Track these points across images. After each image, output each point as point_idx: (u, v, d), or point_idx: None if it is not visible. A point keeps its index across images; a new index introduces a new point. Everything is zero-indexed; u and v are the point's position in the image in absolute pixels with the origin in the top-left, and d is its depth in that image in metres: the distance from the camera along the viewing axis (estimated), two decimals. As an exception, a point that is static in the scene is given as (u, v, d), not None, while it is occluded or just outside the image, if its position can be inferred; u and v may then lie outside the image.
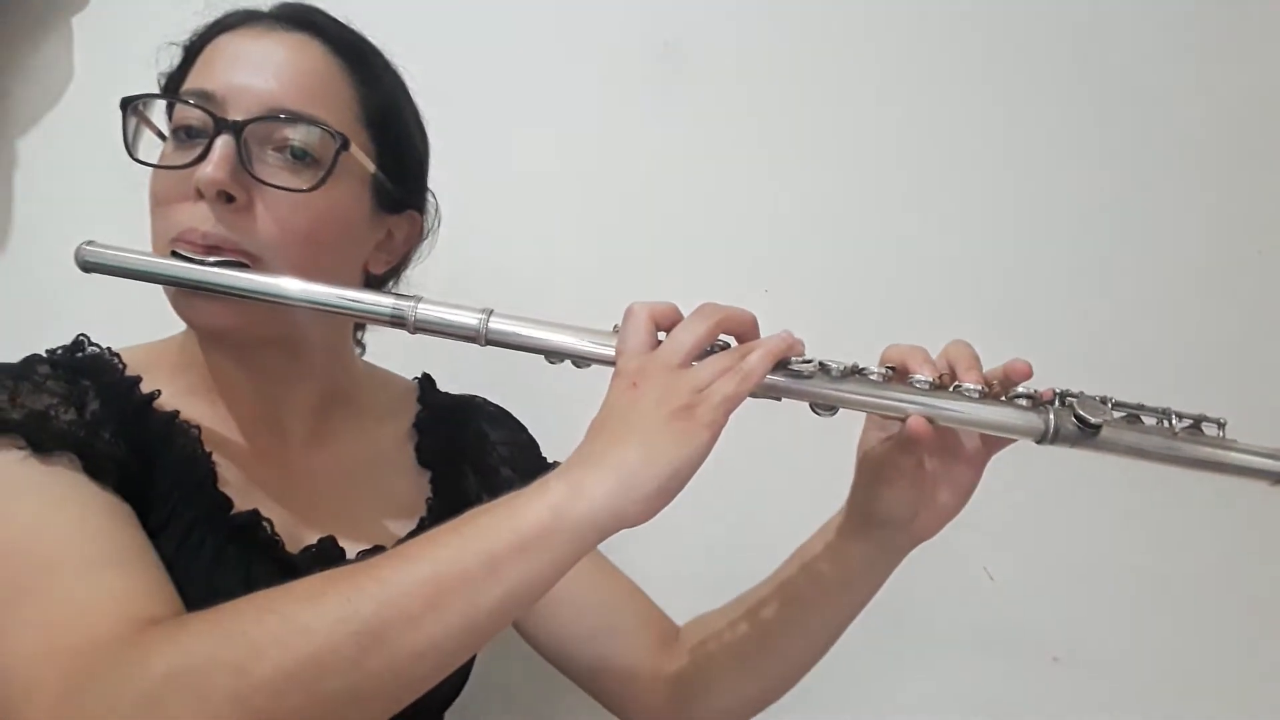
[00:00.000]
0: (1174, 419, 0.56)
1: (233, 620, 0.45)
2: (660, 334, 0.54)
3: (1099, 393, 0.56)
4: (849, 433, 0.63)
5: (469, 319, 0.56)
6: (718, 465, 0.51)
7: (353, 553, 0.63)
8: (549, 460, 0.79)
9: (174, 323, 0.63)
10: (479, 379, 0.81)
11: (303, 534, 0.63)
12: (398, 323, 0.57)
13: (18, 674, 0.46)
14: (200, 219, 0.57)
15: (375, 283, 0.70)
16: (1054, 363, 0.59)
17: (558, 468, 0.49)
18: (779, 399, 0.55)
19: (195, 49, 0.63)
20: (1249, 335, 1.01)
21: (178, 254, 0.57)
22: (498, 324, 0.55)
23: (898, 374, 0.56)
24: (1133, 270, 1.01)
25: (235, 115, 0.58)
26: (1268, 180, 1.02)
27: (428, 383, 0.79)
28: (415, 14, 0.95)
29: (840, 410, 0.56)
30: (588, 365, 0.56)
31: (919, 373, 0.55)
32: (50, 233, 0.96)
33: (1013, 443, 0.57)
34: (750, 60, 1.00)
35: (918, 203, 1.01)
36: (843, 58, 1.01)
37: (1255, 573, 1.00)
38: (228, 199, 0.57)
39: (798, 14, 1.00)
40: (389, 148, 0.65)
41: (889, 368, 0.56)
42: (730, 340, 0.55)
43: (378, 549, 0.64)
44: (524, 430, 0.80)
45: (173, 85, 0.64)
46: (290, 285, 0.56)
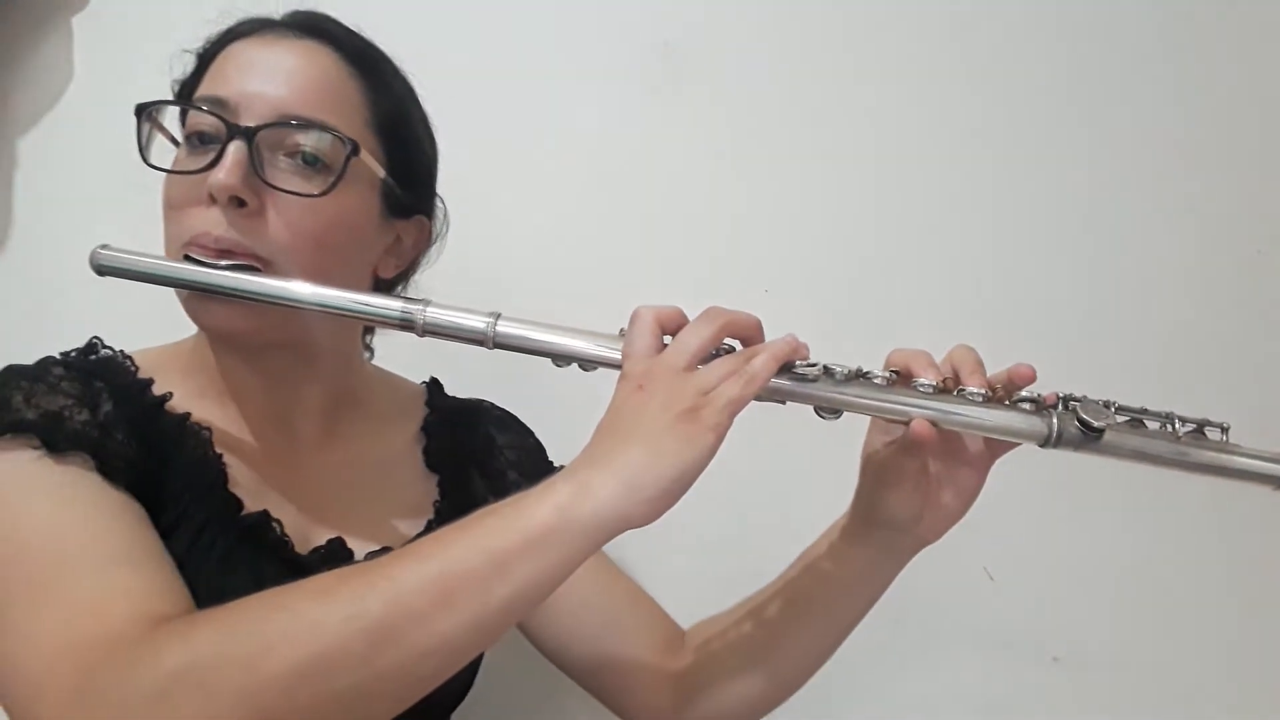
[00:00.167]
0: (1177, 423, 0.56)
1: (243, 617, 0.45)
2: (666, 337, 0.55)
3: (1097, 395, 0.56)
4: (853, 436, 0.63)
5: (477, 322, 0.56)
6: (722, 468, 0.51)
7: (361, 554, 0.64)
8: (555, 464, 0.80)
9: (175, 324, 0.64)
10: (481, 380, 0.81)
11: (312, 535, 0.64)
12: (406, 326, 0.57)
13: (30, 669, 0.46)
14: (213, 223, 0.58)
15: (384, 287, 0.70)
16: (1053, 363, 0.59)
17: (565, 469, 0.50)
18: (783, 402, 0.56)
19: (208, 56, 0.64)
20: (1250, 336, 1.01)
21: (191, 258, 0.58)
22: (505, 327, 0.56)
23: (902, 378, 0.56)
24: (1134, 271, 1.01)
25: (248, 121, 0.59)
26: (1267, 180, 1.02)
27: (435, 387, 0.79)
28: (415, 14, 0.95)
29: (844, 414, 0.56)
30: (594, 368, 0.56)
31: (923, 376, 0.55)
32: (50, 233, 0.97)
33: (1016, 447, 0.57)
34: (750, 60, 1.00)
35: (918, 203, 1.01)
36: (842, 58, 1.01)
37: (1254, 573, 1.00)
38: (240, 204, 0.58)
39: (798, 14, 1.00)
40: (398, 153, 0.66)
41: (893, 371, 0.56)
42: (735, 344, 0.56)
43: (386, 550, 0.64)
44: (531, 434, 0.81)
45: (186, 92, 0.65)
46: (301, 289, 0.57)
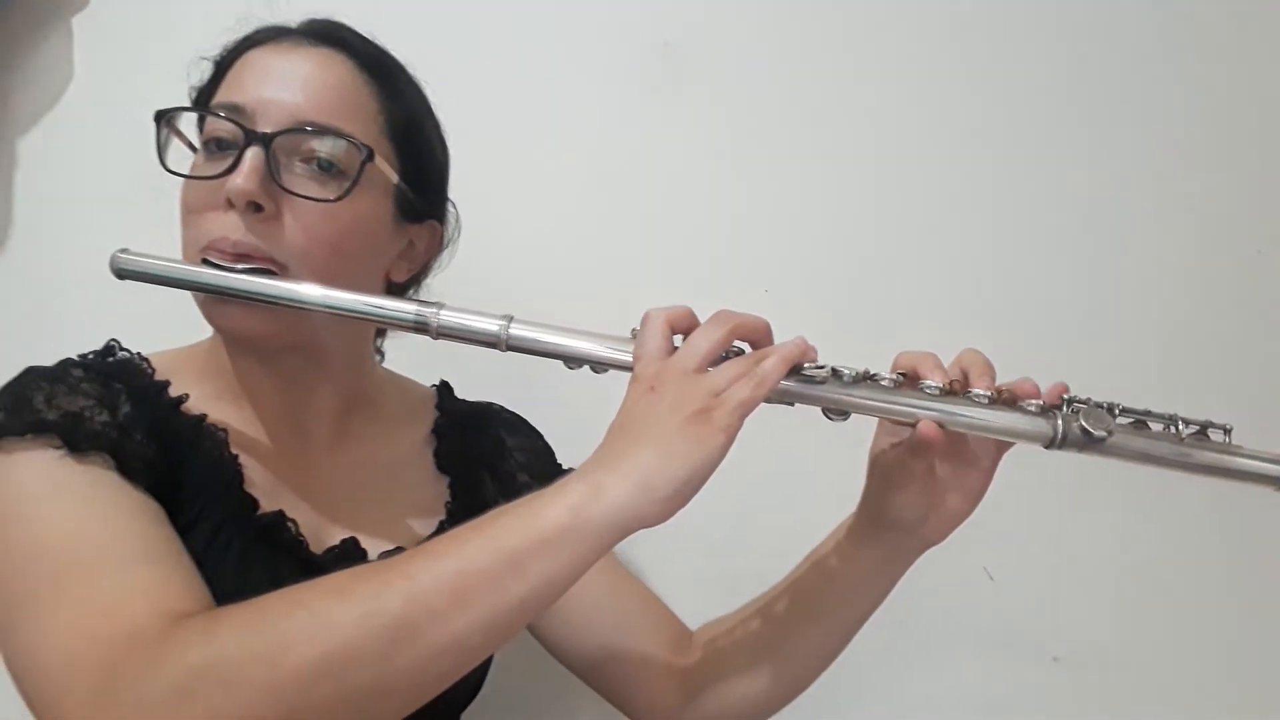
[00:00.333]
0: (1180, 425, 0.57)
1: (263, 614, 0.46)
2: (676, 339, 0.56)
3: (1096, 395, 0.57)
4: (858, 437, 0.64)
5: (490, 325, 0.57)
6: (727, 468, 0.52)
7: (374, 554, 0.65)
8: (564, 466, 0.81)
9: (178, 323, 0.65)
10: (484, 381, 0.82)
11: (326, 535, 0.65)
12: (420, 329, 0.58)
13: (53, 665, 0.47)
14: (230, 228, 0.59)
15: (396, 290, 0.71)
16: (1052, 362, 0.60)
17: (578, 469, 0.50)
18: (792, 404, 0.56)
19: (225, 64, 0.65)
20: (1250, 336, 1.02)
21: (209, 262, 0.59)
22: (518, 330, 0.57)
23: (909, 380, 0.57)
24: (1134, 270, 1.01)
25: (264, 127, 0.60)
26: (1267, 180, 1.03)
27: (445, 389, 0.80)
28: (414, 14, 0.95)
29: (851, 415, 0.57)
30: (605, 370, 0.57)
31: (930, 378, 0.56)
32: (50, 233, 0.97)
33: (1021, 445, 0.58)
34: (750, 60, 1.01)
35: (918, 203, 1.01)
36: (842, 58, 1.02)
37: (1254, 573, 1.00)
38: (257, 208, 0.59)
39: (798, 14, 1.01)
40: (411, 159, 0.67)
41: (900, 374, 0.57)
42: (745, 346, 0.56)
43: (399, 550, 0.65)
44: (540, 437, 0.81)
45: (203, 99, 0.66)
46: (318, 292, 0.58)
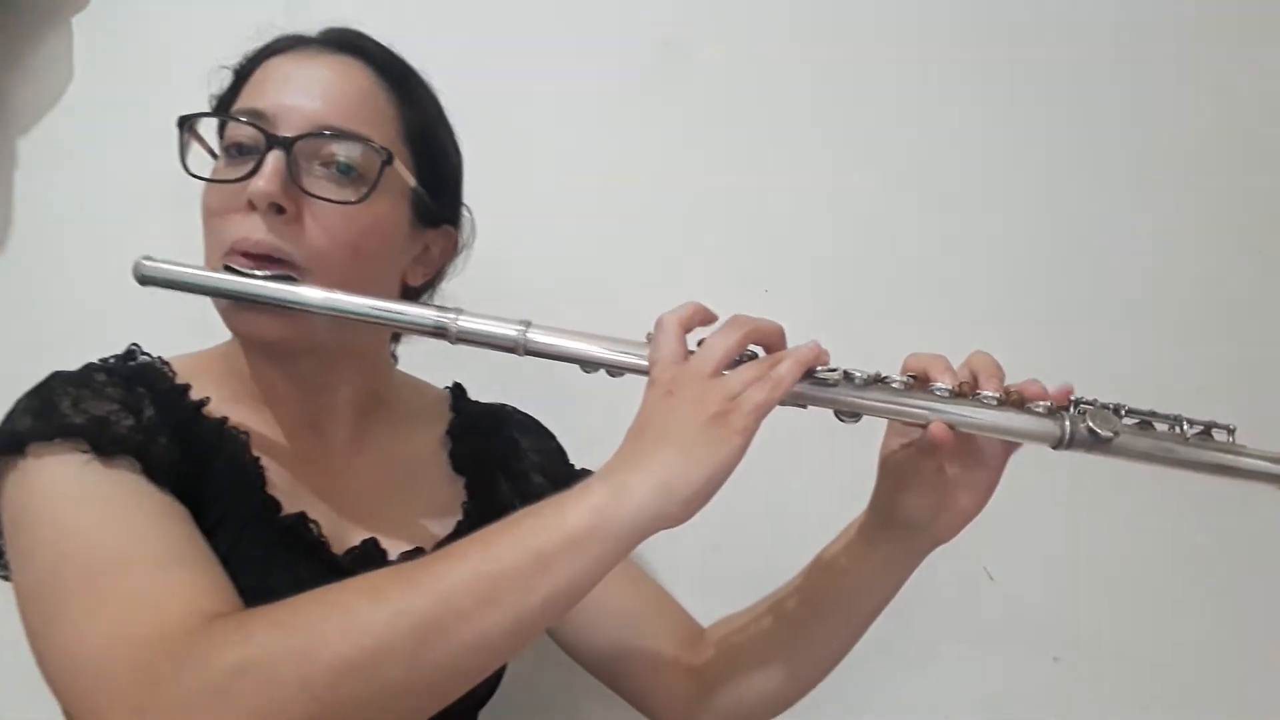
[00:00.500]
0: (1185, 425, 0.58)
1: (296, 613, 0.47)
2: (690, 337, 0.57)
3: (1100, 396, 0.58)
4: (864, 437, 0.64)
5: (508, 330, 0.58)
6: (742, 469, 0.52)
7: (394, 553, 0.66)
8: (576, 467, 0.82)
9: (178, 324, 0.66)
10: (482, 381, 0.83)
11: (346, 535, 0.66)
12: (440, 334, 0.59)
13: (89, 667, 0.48)
14: (252, 229, 0.60)
15: (411, 295, 0.72)
16: (1052, 362, 0.61)
17: (599, 471, 0.52)
18: (804, 406, 0.58)
19: (246, 72, 0.66)
20: (1252, 338, 1.02)
21: (230, 269, 0.60)
22: (536, 336, 0.58)
23: (919, 382, 0.58)
24: (1135, 270, 1.02)
25: (285, 132, 0.61)
26: (1268, 180, 1.03)
27: (459, 391, 0.81)
28: (413, 15, 0.95)
29: (862, 417, 0.58)
30: (621, 374, 0.58)
31: (940, 380, 0.57)
32: (50, 233, 0.97)
33: (1029, 446, 0.59)
34: (750, 60, 1.01)
35: (919, 202, 1.01)
36: (843, 57, 1.02)
37: (1255, 573, 1.01)
38: (279, 210, 0.60)
39: (798, 14, 1.01)
40: (428, 164, 0.68)
41: (910, 376, 0.58)
42: (759, 350, 0.58)
43: (418, 550, 0.67)
44: (552, 438, 0.82)
45: (223, 106, 0.67)
46: (340, 299, 0.59)
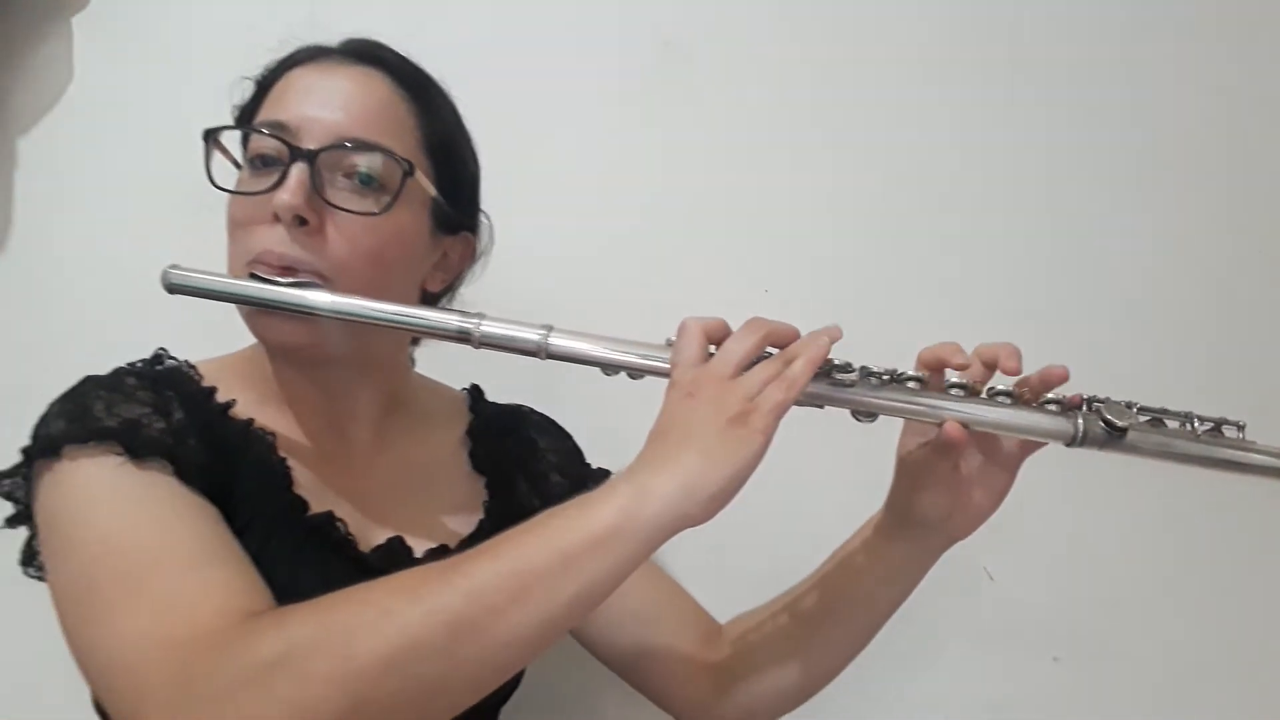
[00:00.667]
0: (1196, 422, 0.59)
1: (333, 611, 0.49)
2: (710, 347, 0.58)
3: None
4: (874, 435, 0.65)
5: (531, 335, 0.59)
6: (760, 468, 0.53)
7: (419, 551, 0.67)
8: (592, 466, 0.83)
9: (180, 324, 0.67)
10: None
11: (372, 534, 0.67)
12: (463, 338, 0.60)
13: (129, 665, 0.50)
14: (277, 241, 0.61)
15: (430, 300, 0.74)
16: (1052, 362, 0.60)
17: (623, 472, 0.53)
18: (821, 406, 0.59)
19: (268, 83, 0.67)
20: (1255, 337, 1.03)
21: (256, 276, 0.62)
22: (558, 340, 0.59)
23: (934, 374, 0.59)
24: (1133, 271, 1.02)
25: (308, 144, 0.62)
26: (1269, 179, 1.04)
27: (476, 393, 0.82)
28: (413, 15, 0.95)
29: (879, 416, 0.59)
30: (641, 376, 0.59)
31: (955, 359, 0.58)
32: (50, 233, 0.98)
33: (1044, 446, 0.60)
34: (750, 60, 1.01)
35: (919, 202, 1.02)
36: (843, 57, 1.02)
37: (1256, 572, 1.01)
38: (302, 222, 0.61)
39: (798, 13, 1.02)
40: (447, 173, 0.69)
41: (926, 371, 0.59)
42: (775, 353, 0.59)
43: (443, 548, 0.68)
44: (569, 437, 0.84)
45: (246, 117, 0.68)
46: (367, 306, 0.60)
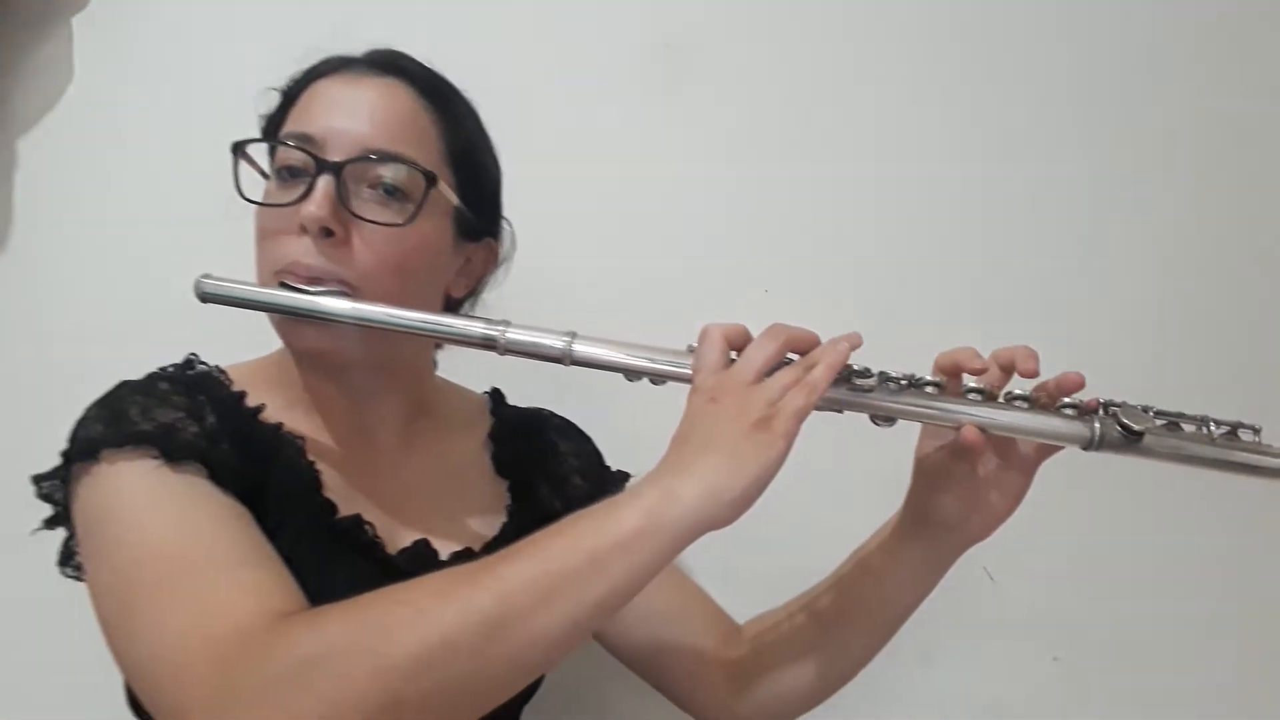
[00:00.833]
0: (1212, 425, 0.60)
1: (368, 611, 0.50)
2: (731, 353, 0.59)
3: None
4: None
5: (555, 342, 0.60)
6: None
7: (445, 553, 0.68)
8: (611, 469, 0.84)
9: (183, 324, 0.69)
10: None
11: (398, 536, 0.68)
12: (489, 345, 0.61)
13: (170, 664, 0.51)
14: (304, 252, 0.63)
15: (453, 306, 0.75)
16: (1053, 362, 0.61)
17: (648, 476, 0.54)
18: (841, 411, 0.60)
19: (293, 94, 0.69)
20: (1273, 339, 1.03)
21: (286, 285, 0.63)
22: (581, 347, 0.60)
23: (952, 378, 0.60)
24: (1136, 271, 1.03)
25: (334, 156, 0.63)
26: (1270, 181, 1.04)
27: (498, 396, 0.84)
28: (412, 16, 0.96)
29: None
30: (664, 382, 0.61)
31: (973, 365, 0.58)
32: (50, 233, 0.98)
33: (1061, 449, 0.61)
34: (751, 60, 1.02)
35: (919, 201, 1.02)
36: (843, 57, 1.03)
37: (1256, 573, 1.01)
38: (328, 233, 0.62)
39: (798, 13, 1.02)
40: (469, 181, 0.70)
41: (943, 376, 0.60)
42: (795, 359, 0.60)
43: (467, 550, 0.69)
44: (589, 441, 0.85)
45: (272, 127, 0.70)
46: (395, 314, 0.62)
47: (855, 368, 0.59)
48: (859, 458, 0.90)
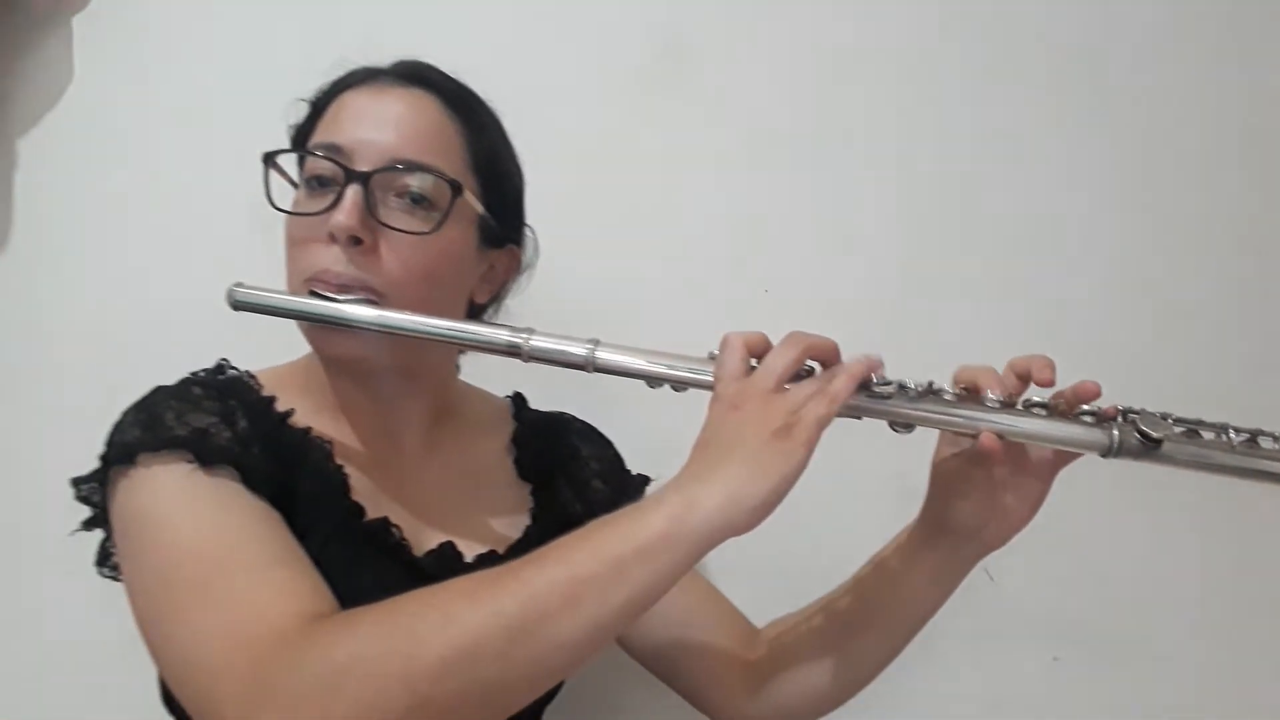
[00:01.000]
0: (1232, 433, 0.60)
1: (399, 614, 0.51)
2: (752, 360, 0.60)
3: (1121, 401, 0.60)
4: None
5: (578, 349, 0.61)
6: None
7: (469, 556, 0.70)
8: (633, 473, 0.85)
9: (185, 325, 0.69)
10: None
11: (424, 539, 0.70)
12: (513, 353, 0.63)
13: (206, 664, 0.53)
14: (333, 260, 0.64)
15: (476, 311, 0.76)
16: (1061, 365, 0.61)
17: (670, 483, 0.55)
18: (860, 417, 0.60)
19: (322, 104, 0.70)
20: (1256, 338, 1.03)
21: (316, 293, 0.64)
22: (604, 354, 0.61)
23: (970, 393, 0.61)
24: (1136, 271, 1.02)
25: (362, 166, 0.64)
26: (1265, 179, 1.04)
27: (520, 400, 0.85)
28: (411, 16, 0.97)
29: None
30: (685, 389, 0.61)
31: (991, 390, 0.59)
32: (50, 233, 0.99)
33: (1080, 457, 0.61)
34: (751, 60, 1.02)
35: (920, 201, 1.02)
36: (844, 57, 1.03)
37: (1256, 573, 1.01)
38: (356, 242, 0.64)
39: (798, 13, 1.02)
40: (493, 189, 0.71)
41: (962, 388, 0.61)
42: (815, 365, 0.60)
43: (491, 553, 0.70)
44: (610, 445, 0.86)
45: (301, 138, 0.71)
46: (423, 322, 0.63)
47: (874, 377, 0.59)
48: (876, 463, 0.90)
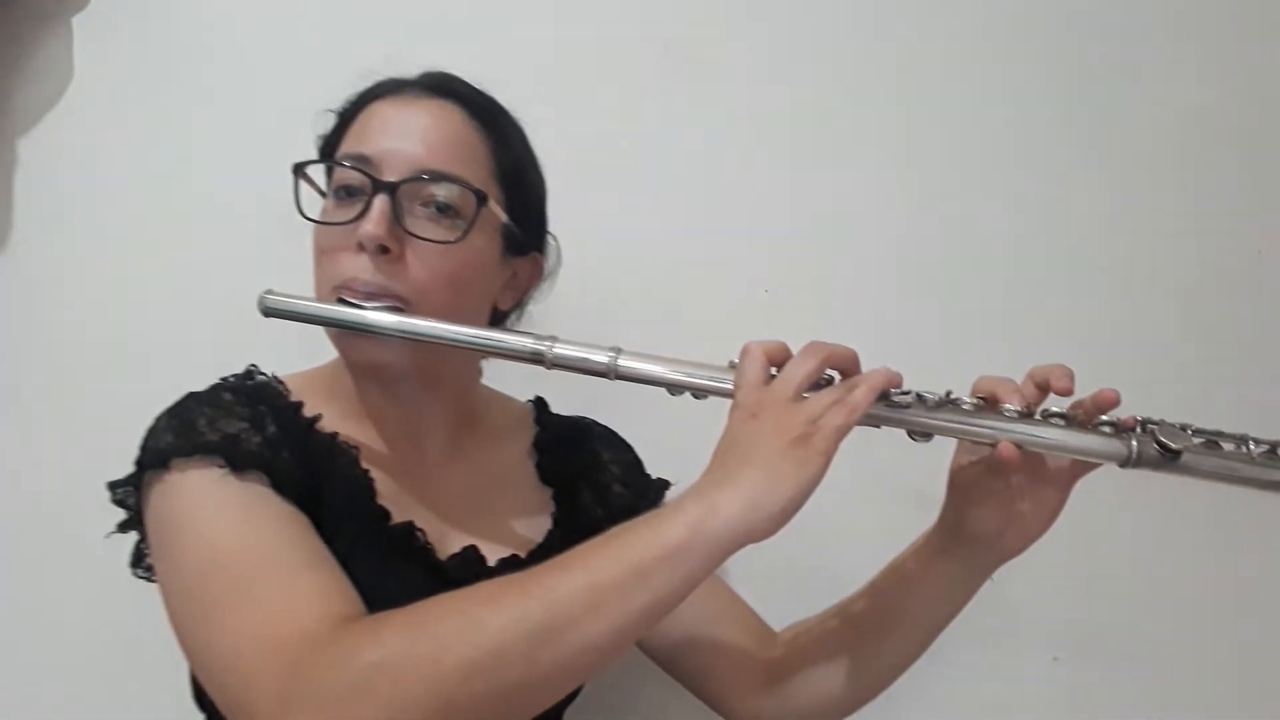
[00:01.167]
0: (1251, 444, 0.60)
1: (425, 618, 0.53)
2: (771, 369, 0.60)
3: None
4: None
5: (600, 357, 0.62)
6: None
7: (493, 559, 0.71)
8: (653, 477, 0.86)
9: (186, 325, 0.69)
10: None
11: (448, 543, 0.71)
12: (536, 360, 0.64)
13: (240, 665, 0.54)
14: (361, 269, 0.66)
15: (499, 318, 0.77)
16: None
17: (690, 490, 0.56)
18: (878, 426, 0.61)
19: (350, 115, 0.72)
20: (1251, 338, 1.02)
21: (344, 301, 0.66)
22: (626, 361, 0.62)
23: (989, 403, 0.61)
24: (1137, 271, 1.02)
25: (389, 176, 0.66)
26: (1266, 181, 1.03)
27: (541, 405, 0.86)
28: (411, 16, 0.97)
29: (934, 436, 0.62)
30: (705, 397, 0.62)
31: (1009, 401, 0.60)
32: (50, 233, 0.99)
33: (1098, 467, 0.62)
34: (751, 60, 1.02)
35: (919, 203, 1.02)
36: (844, 56, 1.03)
37: (1256, 573, 1.00)
38: (384, 250, 0.65)
39: (798, 12, 1.02)
40: (517, 198, 0.73)
41: (980, 398, 0.61)
42: (834, 374, 0.61)
43: (514, 557, 0.71)
44: (631, 450, 0.87)
45: (329, 148, 0.73)
46: (449, 329, 0.64)
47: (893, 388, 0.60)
48: (893, 470, 0.90)
